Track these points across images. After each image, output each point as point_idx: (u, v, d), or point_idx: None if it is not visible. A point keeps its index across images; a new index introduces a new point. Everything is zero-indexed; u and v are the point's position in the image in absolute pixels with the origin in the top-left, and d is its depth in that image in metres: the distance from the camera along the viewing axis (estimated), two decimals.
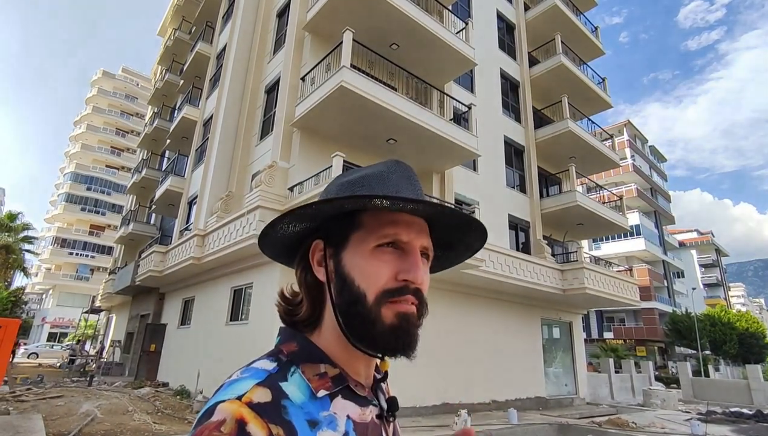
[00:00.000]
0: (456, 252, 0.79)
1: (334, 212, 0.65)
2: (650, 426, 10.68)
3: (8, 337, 5.96)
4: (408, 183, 0.68)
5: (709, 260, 56.78)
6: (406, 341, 0.61)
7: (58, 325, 46.78)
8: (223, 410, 0.50)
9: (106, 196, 53.50)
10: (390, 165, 0.70)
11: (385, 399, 0.70)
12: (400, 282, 0.62)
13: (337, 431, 0.57)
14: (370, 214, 0.65)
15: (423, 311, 0.65)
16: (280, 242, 0.71)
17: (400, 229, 0.63)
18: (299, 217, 0.65)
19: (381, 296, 0.61)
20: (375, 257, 0.63)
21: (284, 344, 0.65)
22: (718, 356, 35.19)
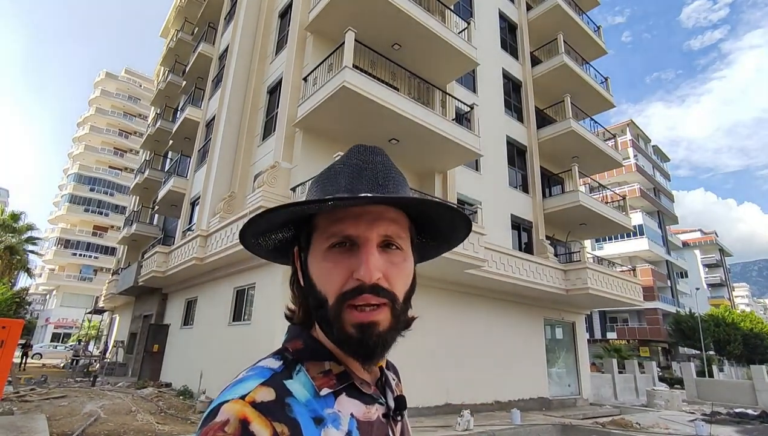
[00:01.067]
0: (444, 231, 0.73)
1: (287, 220, 0.66)
2: (654, 427, 10.63)
3: (12, 337, 5.98)
4: (363, 169, 0.65)
5: (713, 259, 56.50)
6: (366, 351, 0.59)
7: (61, 325, 46.98)
8: (226, 410, 0.51)
9: (109, 197, 53.71)
10: (346, 155, 0.69)
11: (393, 397, 0.69)
12: (355, 282, 0.59)
13: (340, 429, 0.57)
14: (321, 215, 0.64)
15: (396, 309, 0.61)
16: (273, 253, 0.73)
17: (347, 224, 0.61)
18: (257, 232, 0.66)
19: (340, 299, 0.59)
20: (328, 259, 0.61)
21: (291, 341, 0.65)
22: (722, 357, 35.02)
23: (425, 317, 10.98)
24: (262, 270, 9.99)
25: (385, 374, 0.71)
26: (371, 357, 0.60)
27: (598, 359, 26.04)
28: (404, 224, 0.66)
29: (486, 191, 14.01)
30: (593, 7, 22.32)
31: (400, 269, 0.63)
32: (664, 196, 46.24)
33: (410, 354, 10.11)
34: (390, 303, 0.60)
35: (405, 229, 0.65)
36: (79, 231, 51.71)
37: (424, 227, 0.71)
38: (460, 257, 9.81)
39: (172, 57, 23.22)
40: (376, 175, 0.65)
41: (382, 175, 0.66)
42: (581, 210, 15.49)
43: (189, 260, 11.87)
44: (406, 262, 0.64)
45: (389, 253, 0.63)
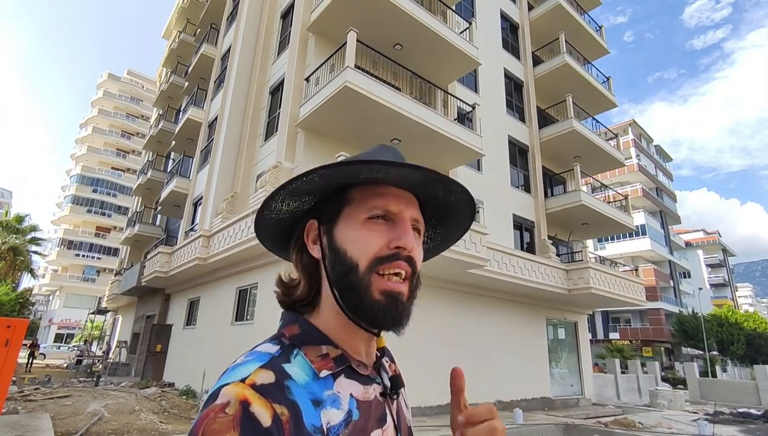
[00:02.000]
0: (448, 230, 0.79)
1: (326, 185, 0.67)
2: (657, 426, 10.61)
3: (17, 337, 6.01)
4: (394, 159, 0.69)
5: (716, 260, 56.34)
6: (394, 318, 0.62)
7: (65, 326, 47.16)
8: (227, 392, 0.52)
9: (111, 198, 53.88)
10: (376, 147, 0.72)
11: (388, 377, 0.71)
12: (392, 249, 0.63)
13: (341, 409, 0.58)
14: (359, 190, 0.67)
15: (414, 284, 0.66)
16: (275, 227, 0.73)
17: (389, 200, 0.65)
18: (293, 191, 0.66)
19: (373, 263, 0.62)
20: (366, 228, 0.64)
21: (286, 327, 0.66)
22: (725, 357, 34.90)
23: (427, 317, 10.99)
24: (265, 270, 10.02)
25: (380, 357, 0.73)
26: (400, 323, 0.63)
27: (600, 359, 25.99)
28: (421, 216, 0.71)
29: (488, 191, 14.00)
30: (595, 6, 22.30)
31: (420, 251, 0.68)
32: (667, 196, 46.12)
33: (412, 354, 10.11)
34: (411, 277, 0.65)
35: (422, 221, 0.71)
36: (82, 232, 51.89)
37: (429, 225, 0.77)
38: (462, 256, 9.81)
39: (174, 58, 23.30)
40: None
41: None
42: (583, 210, 15.47)
43: (192, 260, 11.91)
44: (421, 248, 0.70)
45: (414, 235, 0.67)
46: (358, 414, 0.60)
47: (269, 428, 0.49)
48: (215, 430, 0.48)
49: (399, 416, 0.71)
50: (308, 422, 0.54)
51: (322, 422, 0.55)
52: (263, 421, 0.50)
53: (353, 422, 0.59)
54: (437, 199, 0.71)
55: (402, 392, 0.74)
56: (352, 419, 0.59)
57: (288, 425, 0.51)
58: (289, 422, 0.52)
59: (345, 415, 0.58)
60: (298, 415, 0.53)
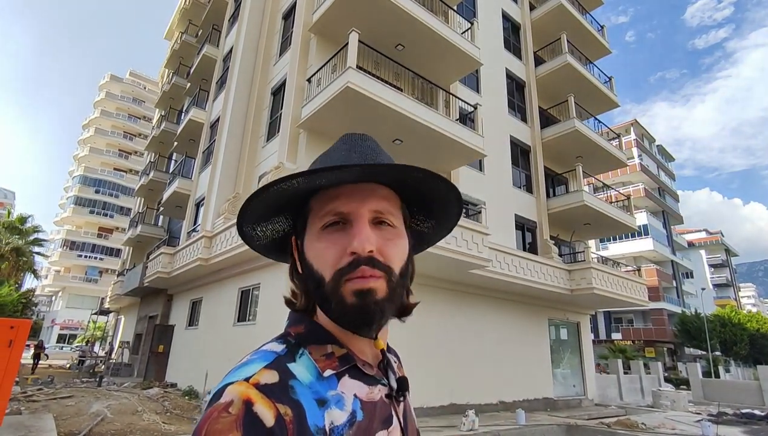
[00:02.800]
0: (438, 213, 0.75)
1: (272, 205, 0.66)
2: (660, 427, 10.58)
3: (20, 337, 6.02)
4: (351, 152, 0.67)
5: (719, 260, 56.16)
6: (365, 318, 0.60)
7: (67, 327, 47.29)
8: (231, 391, 0.52)
9: (114, 198, 54.04)
10: (337, 141, 0.71)
11: (395, 378, 0.70)
12: (349, 257, 0.60)
13: (345, 409, 0.58)
14: (314, 198, 0.66)
15: (393, 282, 0.62)
16: (270, 247, 0.74)
17: (339, 202, 0.63)
18: (252, 219, 0.67)
19: (336, 276, 0.60)
20: (323, 238, 0.63)
21: (292, 326, 0.67)
22: (728, 357, 34.78)
23: (429, 318, 10.98)
24: (267, 270, 10.03)
25: (387, 357, 0.72)
26: (370, 324, 0.61)
27: (603, 359, 25.91)
28: (395, 202, 0.67)
29: (490, 191, 13.99)
30: (597, 6, 22.26)
31: (393, 244, 0.64)
32: (669, 196, 46.00)
33: (414, 354, 10.11)
34: (386, 275, 0.61)
35: (396, 207, 0.67)
36: (84, 233, 52.05)
37: (416, 206, 0.73)
38: (465, 256, 9.81)
39: (176, 59, 23.35)
40: (366, 154, 0.67)
41: (371, 154, 0.68)
42: (585, 210, 15.44)
43: (194, 261, 11.93)
44: (399, 238, 0.66)
45: (382, 229, 0.64)
46: (362, 415, 0.60)
47: (272, 428, 0.49)
48: (218, 429, 0.48)
49: (406, 419, 0.70)
50: (312, 422, 0.53)
51: (326, 422, 0.55)
52: (266, 421, 0.49)
53: (357, 423, 0.59)
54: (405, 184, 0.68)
55: (407, 396, 0.73)
56: (356, 419, 0.59)
57: (291, 425, 0.51)
58: (293, 422, 0.51)
59: (349, 416, 0.58)
60: (301, 415, 0.53)
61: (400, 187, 0.68)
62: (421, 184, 0.68)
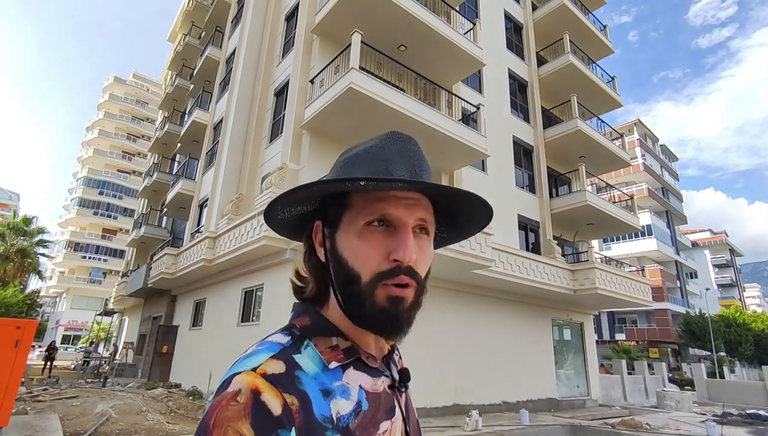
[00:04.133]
0: (461, 226, 0.77)
1: (323, 194, 0.67)
2: (664, 428, 10.54)
3: (26, 338, 6.06)
4: (402, 156, 0.67)
5: (723, 260, 55.82)
6: (395, 325, 0.62)
7: (72, 327, 47.48)
8: (238, 381, 0.53)
9: (118, 200, 54.26)
10: (385, 138, 0.69)
11: (397, 371, 0.72)
12: (391, 263, 0.61)
13: (350, 399, 0.60)
14: (358, 194, 0.65)
15: (419, 290, 0.64)
16: (286, 226, 0.74)
17: (388, 204, 0.63)
18: (290, 202, 0.67)
19: (375, 278, 0.61)
20: (364, 237, 0.63)
21: (297, 318, 0.67)
22: (733, 358, 34.55)
23: (433, 318, 10.98)
24: (270, 271, 10.06)
25: (389, 350, 0.74)
26: (399, 331, 0.63)
27: (606, 360, 25.81)
28: (432, 213, 0.68)
29: (493, 192, 13.98)
30: (599, 6, 22.23)
31: (426, 254, 0.66)
32: (673, 195, 45.81)
33: (418, 354, 10.11)
34: (417, 285, 0.63)
35: (432, 218, 0.68)
36: (88, 234, 52.27)
37: (444, 218, 0.74)
38: (468, 257, 9.81)
39: (179, 61, 23.45)
40: (413, 163, 0.67)
41: (418, 163, 0.68)
42: (589, 210, 15.41)
43: (198, 262, 11.97)
44: (430, 247, 0.68)
45: (419, 238, 0.65)
46: (367, 405, 0.62)
47: (279, 417, 0.51)
48: (227, 417, 0.49)
49: (408, 409, 0.72)
50: (318, 412, 0.55)
51: (332, 411, 0.56)
52: (274, 410, 0.51)
53: (363, 412, 0.60)
54: (449, 199, 0.69)
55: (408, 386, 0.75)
56: (362, 409, 0.60)
57: (298, 414, 0.53)
58: (299, 411, 0.53)
59: (354, 405, 0.60)
60: (307, 405, 0.54)
61: (441, 202, 0.69)
62: (461, 207, 0.71)
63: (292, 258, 9.18)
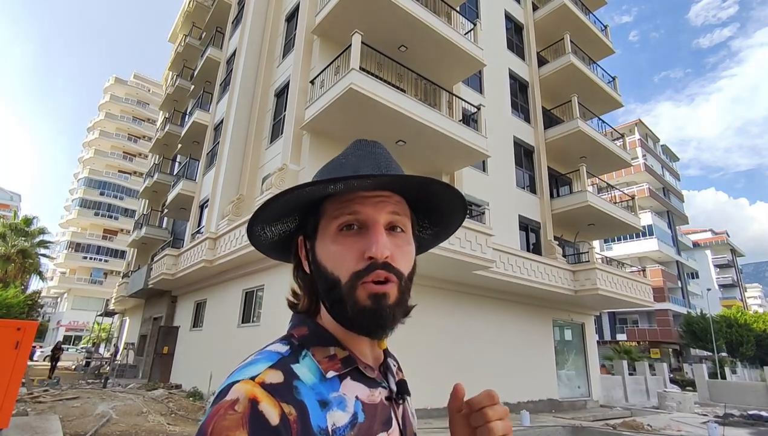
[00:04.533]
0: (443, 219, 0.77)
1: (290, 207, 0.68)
2: (666, 429, 10.52)
3: (26, 339, 6.06)
4: (366, 160, 0.68)
5: (725, 260, 55.73)
6: (378, 322, 0.62)
7: (73, 328, 47.49)
8: (237, 390, 0.53)
9: (118, 200, 54.30)
10: (350, 147, 0.71)
11: (394, 381, 0.71)
12: (366, 261, 0.62)
13: (347, 411, 0.59)
14: (329, 201, 0.66)
15: (402, 287, 0.64)
16: (273, 247, 0.75)
17: (356, 206, 0.64)
18: (266, 219, 0.68)
19: (353, 279, 0.62)
20: (338, 241, 0.64)
21: (295, 328, 0.68)
22: (734, 358, 34.48)
23: (434, 319, 10.96)
24: (271, 272, 10.05)
25: (387, 361, 0.73)
26: (383, 327, 0.62)
27: (608, 360, 25.78)
28: (406, 210, 0.69)
29: (493, 192, 13.97)
30: (600, 6, 22.22)
31: (404, 251, 0.66)
32: (674, 196, 45.75)
33: (419, 355, 10.10)
34: (398, 281, 0.63)
35: (407, 214, 0.69)
36: (89, 235, 52.31)
37: (422, 214, 0.75)
38: (468, 257, 9.79)
39: (180, 61, 23.47)
40: (379, 163, 0.69)
41: (384, 163, 0.69)
42: (589, 210, 15.39)
43: (198, 263, 11.97)
44: (409, 245, 0.68)
45: (394, 235, 0.66)
46: (363, 417, 0.61)
47: (277, 427, 0.50)
48: (225, 426, 0.49)
49: (405, 421, 0.71)
50: (315, 422, 0.54)
51: (328, 423, 0.56)
52: (271, 419, 0.50)
53: (358, 424, 0.60)
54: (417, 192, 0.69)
55: (408, 399, 0.74)
56: (358, 421, 0.60)
57: (295, 424, 0.52)
58: (297, 421, 0.52)
59: (350, 417, 0.59)
60: (305, 415, 0.54)
61: (411, 195, 0.70)
62: (433, 196, 0.71)
63: (292, 260, 9.16)
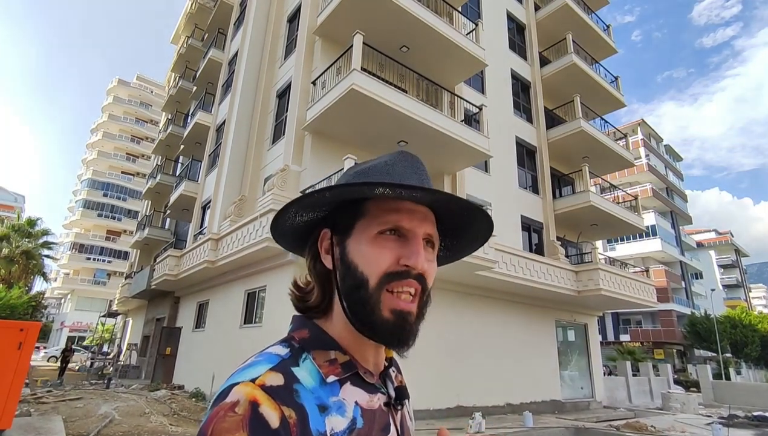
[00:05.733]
0: (463, 243, 0.79)
1: (338, 200, 0.67)
2: (670, 430, 10.46)
3: (29, 340, 6.08)
4: (412, 172, 0.69)
5: (729, 260, 55.48)
6: (400, 338, 0.62)
7: (76, 329, 47.65)
8: (237, 392, 0.52)
9: (122, 202, 54.48)
10: (396, 155, 0.71)
11: (393, 387, 0.71)
12: (401, 266, 0.62)
13: (345, 416, 0.59)
14: (374, 203, 0.66)
15: (423, 302, 0.65)
16: (291, 232, 0.74)
17: (402, 216, 0.64)
18: (305, 205, 0.67)
19: (383, 279, 0.62)
20: (377, 244, 0.64)
21: (296, 331, 0.67)
22: (739, 359, 34.31)
23: (435, 320, 10.95)
24: (273, 273, 10.06)
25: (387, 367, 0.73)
26: (407, 344, 0.63)
27: (611, 361, 25.69)
28: (436, 228, 0.70)
29: (495, 192, 13.95)
30: (602, 6, 22.16)
31: (432, 267, 0.67)
32: (677, 196, 45.57)
33: (421, 356, 10.08)
34: (422, 295, 0.65)
35: (437, 232, 0.70)
36: (92, 236, 52.49)
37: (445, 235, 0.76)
38: (471, 258, 9.76)
39: (182, 63, 23.54)
40: (422, 179, 0.69)
41: (426, 180, 0.70)
42: (592, 210, 15.34)
43: (200, 264, 11.99)
44: (434, 261, 0.69)
45: (427, 250, 0.67)
46: (362, 422, 0.61)
47: (277, 430, 0.50)
48: (224, 429, 0.48)
49: (402, 427, 0.71)
50: (314, 426, 0.54)
51: (327, 428, 0.56)
52: (272, 422, 0.50)
53: (357, 430, 0.59)
54: (454, 214, 0.71)
55: (406, 403, 0.74)
56: (356, 427, 0.60)
57: (295, 427, 0.52)
58: (296, 425, 0.52)
59: (349, 423, 0.59)
60: (304, 419, 0.54)
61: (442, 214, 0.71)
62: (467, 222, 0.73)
63: (294, 260, 9.17)
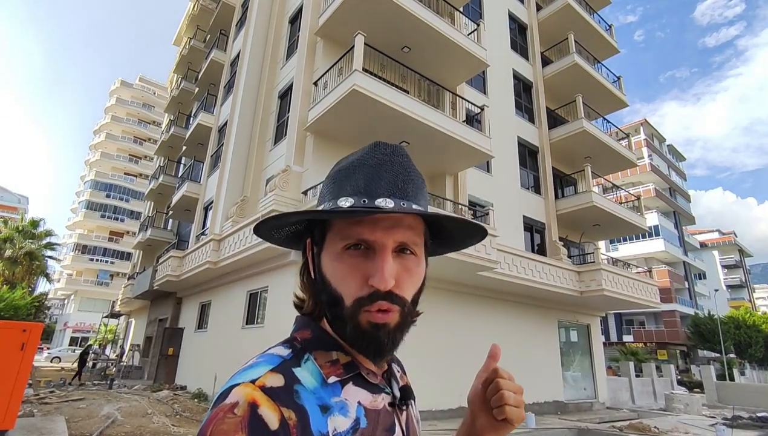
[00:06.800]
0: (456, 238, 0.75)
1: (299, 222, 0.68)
2: (673, 431, 10.41)
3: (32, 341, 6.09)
4: (384, 170, 0.64)
5: (732, 260, 55.21)
6: (378, 348, 0.61)
7: (79, 330, 47.83)
8: (237, 393, 0.52)
9: (124, 203, 54.68)
10: (366, 153, 0.66)
11: (398, 387, 0.70)
12: (369, 288, 0.60)
13: (348, 417, 0.58)
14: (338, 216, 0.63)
15: (405, 313, 0.62)
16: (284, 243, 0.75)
17: (364, 228, 0.61)
18: (272, 227, 0.68)
19: (356, 304, 0.60)
20: (343, 260, 0.62)
21: (299, 331, 0.67)
22: (743, 360, 34.14)
23: (437, 321, 10.93)
24: (275, 273, 10.06)
25: (391, 366, 0.72)
26: (382, 354, 0.62)
27: (614, 362, 25.58)
28: (420, 229, 0.66)
29: (498, 193, 13.92)
30: (604, 5, 22.11)
31: (411, 275, 0.63)
32: (680, 196, 45.41)
33: (423, 357, 10.07)
34: (401, 309, 0.61)
35: (420, 234, 0.65)
36: (95, 237, 52.68)
37: (439, 232, 0.73)
38: (473, 259, 9.75)
39: (184, 64, 23.61)
40: (396, 178, 0.64)
41: (401, 177, 0.64)
42: (595, 211, 15.29)
43: (203, 264, 12.01)
44: (418, 267, 0.65)
45: (403, 258, 0.63)
46: (365, 422, 0.60)
47: (276, 431, 0.50)
48: (223, 430, 0.48)
49: (408, 428, 0.70)
50: (315, 428, 0.54)
51: (329, 428, 0.55)
52: (271, 424, 0.50)
53: (361, 430, 0.59)
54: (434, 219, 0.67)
55: (412, 403, 0.73)
56: (360, 426, 0.59)
57: (295, 429, 0.51)
58: (297, 426, 0.52)
59: (352, 423, 0.58)
60: (305, 420, 0.53)
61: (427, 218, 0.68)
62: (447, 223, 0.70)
63: (296, 260, 9.17)
